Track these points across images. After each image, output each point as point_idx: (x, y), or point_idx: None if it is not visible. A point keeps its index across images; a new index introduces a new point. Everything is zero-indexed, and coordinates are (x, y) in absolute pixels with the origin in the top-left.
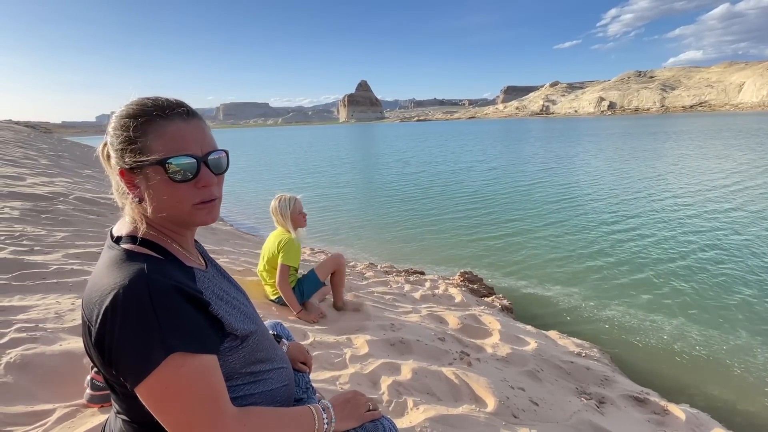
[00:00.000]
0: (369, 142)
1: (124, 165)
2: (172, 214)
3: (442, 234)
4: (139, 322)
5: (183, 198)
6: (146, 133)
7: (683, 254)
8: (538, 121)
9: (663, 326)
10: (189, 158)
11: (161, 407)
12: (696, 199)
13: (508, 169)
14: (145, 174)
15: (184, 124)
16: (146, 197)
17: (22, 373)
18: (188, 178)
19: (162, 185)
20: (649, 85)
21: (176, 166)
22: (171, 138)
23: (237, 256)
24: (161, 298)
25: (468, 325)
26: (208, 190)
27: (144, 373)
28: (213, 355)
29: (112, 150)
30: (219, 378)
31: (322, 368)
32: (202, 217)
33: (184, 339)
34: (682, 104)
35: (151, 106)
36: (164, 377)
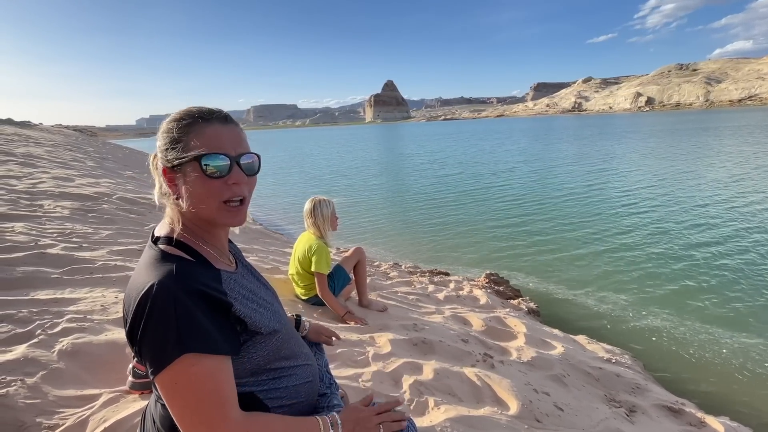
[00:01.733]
0: (400, 142)
1: (166, 163)
2: (203, 210)
3: (468, 235)
4: (160, 320)
5: (214, 194)
6: (188, 133)
7: (726, 263)
8: (571, 119)
9: (701, 335)
10: (223, 157)
11: (170, 401)
12: (755, 202)
13: (549, 170)
14: (183, 172)
15: (222, 127)
16: (183, 194)
17: (73, 360)
18: (221, 175)
19: (197, 181)
20: (691, 79)
21: (211, 164)
22: (208, 138)
23: (266, 255)
24: (183, 300)
25: (492, 327)
26: (238, 188)
27: (159, 367)
28: (226, 358)
29: (159, 152)
30: (228, 381)
31: (345, 365)
32: (229, 217)
33: (198, 340)
34: (729, 98)
35: (195, 111)
36: (175, 374)
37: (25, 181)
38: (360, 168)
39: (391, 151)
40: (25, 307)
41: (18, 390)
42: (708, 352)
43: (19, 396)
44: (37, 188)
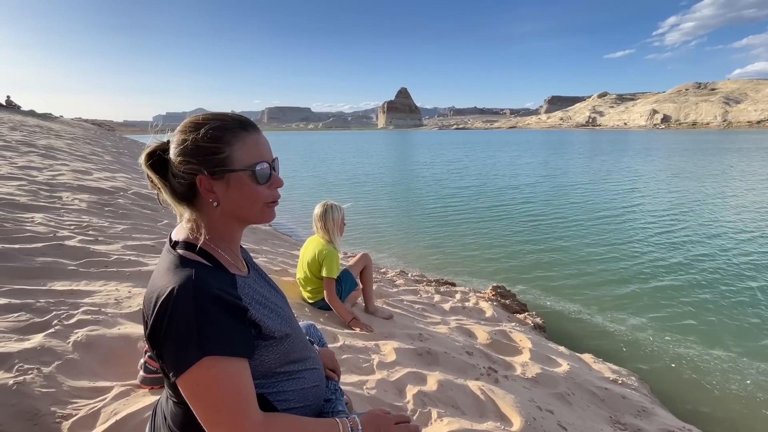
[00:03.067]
0: (414, 150)
1: (210, 170)
2: (246, 213)
3: (477, 246)
4: (181, 324)
5: (260, 198)
6: (231, 143)
7: (742, 288)
8: (585, 133)
9: (712, 360)
10: (266, 164)
11: (192, 402)
12: None
13: (569, 186)
14: (227, 180)
15: (258, 135)
16: (222, 200)
17: (86, 352)
18: (266, 181)
19: (246, 187)
20: (709, 98)
21: (259, 171)
22: (252, 147)
23: (274, 257)
24: (203, 305)
25: (497, 340)
26: (276, 191)
27: (181, 370)
28: (244, 360)
29: (188, 159)
30: (248, 382)
31: (350, 371)
32: (268, 215)
33: (218, 343)
34: (748, 119)
35: (230, 121)
36: (197, 376)
37: (46, 173)
38: (375, 174)
39: (406, 158)
40: (43, 297)
41: (34, 378)
42: (718, 379)
43: (35, 384)
44: (57, 180)
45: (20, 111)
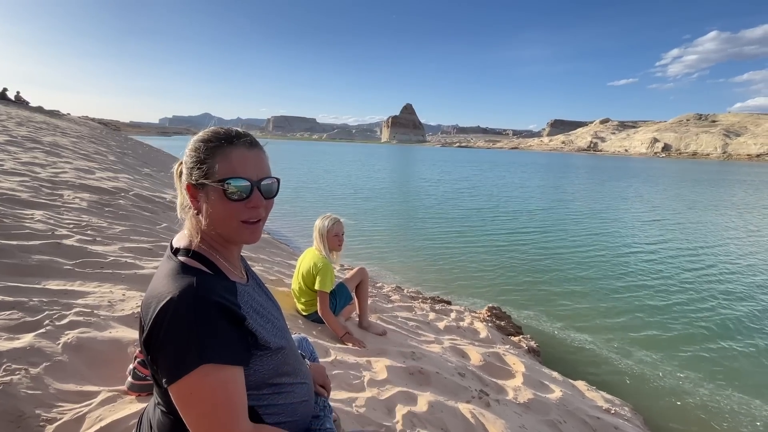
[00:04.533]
0: (420, 166)
1: (191, 180)
2: (221, 228)
3: (474, 266)
4: (181, 330)
5: (233, 214)
6: (214, 155)
7: (742, 318)
8: (587, 158)
9: (707, 394)
10: (245, 181)
11: (184, 409)
12: None
13: (574, 212)
14: (206, 191)
15: (247, 151)
16: (203, 210)
17: (76, 354)
18: (242, 198)
19: (219, 201)
20: (710, 130)
21: (234, 187)
22: (233, 161)
23: (271, 266)
24: (203, 312)
25: (490, 363)
26: (256, 211)
27: (177, 376)
28: (240, 369)
29: (185, 167)
30: (241, 391)
31: (340, 388)
32: (246, 235)
33: (216, 351)
34: (748, 152)
35: (222, 134)
36: (192, 383)
37: (49, 170)
38: (380, 189)
39: (413, 175)
40: (37, 295)
41: (21, 379)
42: (712, 413)
43: (21, 386)
44: (59, 177)
45: (29, 107)
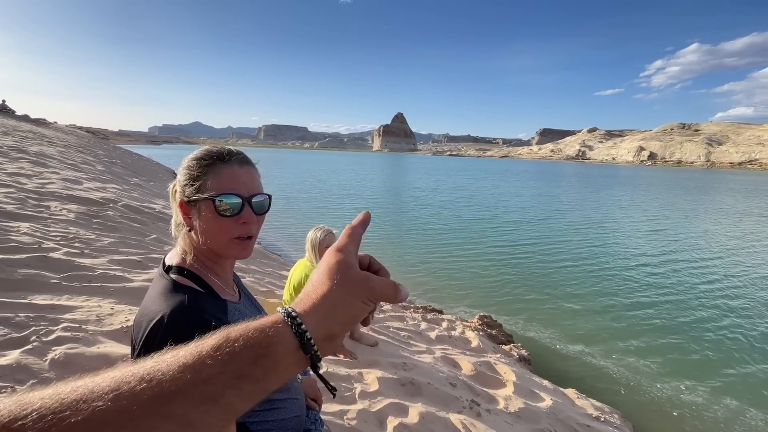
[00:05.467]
0: (413, 175)
1: (183, 197)
2: (213, 244)
3: (465, 274)
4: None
5: (224, 231)
6: (206, 173)
7: (727, 325)
8: (576, 166)
9: (694, 398)
10: (236, 197)
11: None
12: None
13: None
14: (198, 207)
15: (238, 168)
16: (196, 227)
17: (63, 371)
18: (233, 213)
19: (211, 218)
20: (693, 138)
21: (225, 203)
22: (224, 178)
23: (262, 276)
24: (193, 332)
25: (481, 372)
26: (247, 227)
27: None
28: None
29: (179, 186)
30: None
31: (331, 401)
32: (237, 251)
33: None
34: (730, 160)
35: (215, 152)
36: None
37: (35, 180)
38: (374, 199)
39: (407, 184)
40: (23, 311)
41: None
42: (702, 420)
43: None
44: (46, 189)
45: (14, 116)
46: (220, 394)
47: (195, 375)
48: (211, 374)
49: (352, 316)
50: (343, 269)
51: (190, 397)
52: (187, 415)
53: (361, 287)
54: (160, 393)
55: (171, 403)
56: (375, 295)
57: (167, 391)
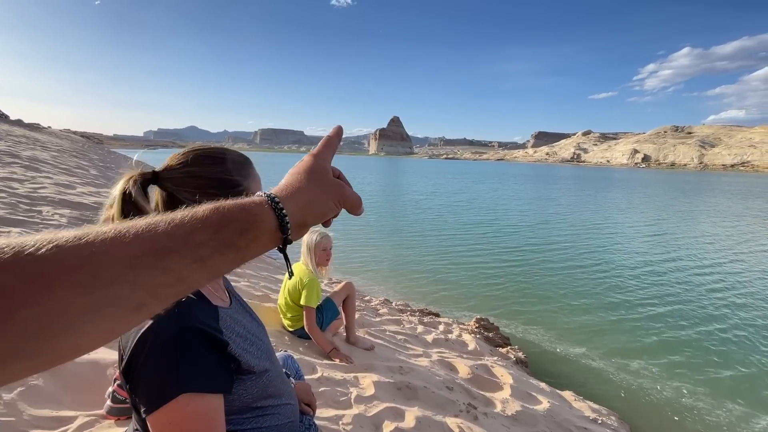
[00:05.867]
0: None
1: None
2: None
3: (463, 276)
4: (161, 358)
5: None
6: (246, 177)
7: (727, 326)
8: (572, 169)
9: (694, 401)
10: None
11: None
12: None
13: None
14: None
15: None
16: None
17: (52, 378)
18: None
19: None
20: (686, 141)
21: None
22: (257, 181)
23: (257, 281)
24: (185, 339)
25: (479, 375)
26: None
27: (155, 405)
28: (220, 396)
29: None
30: (221, 420)
31: (327, 405)
32: None
33: (197, 380)
34: (723, 162)
35: (243, 156)
36: (171, 413)
37: (27, 185)
38: (371, 202)
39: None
40: None
41: None
42: (701, 422)
43: None
44: (38, 193)
45: (7, 120)
46: (209, 257)
47: (188, 238)
48: (203, 240)
49: (322, 213)
50: (320, 172)
51: (184, 257)
52: (181, 271)
53: (334, 191)
54: (158, 248)
55: (166, 258)
56: (344, 200)
57: (164, 247)
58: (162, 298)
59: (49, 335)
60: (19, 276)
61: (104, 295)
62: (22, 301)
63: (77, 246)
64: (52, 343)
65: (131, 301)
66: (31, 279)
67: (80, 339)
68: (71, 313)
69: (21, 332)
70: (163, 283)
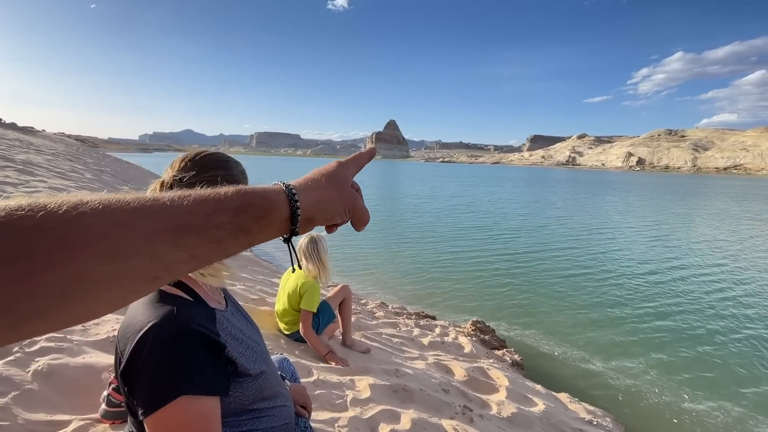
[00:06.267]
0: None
1: None
2: None
3: (459, 279)
4: (160, 360)
5: None
6: (247, 178)
7: (722, 329)
8: (567, 172)
9: (688, 403)
10: None
11: None
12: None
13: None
14: None
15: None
16: None
17: (47, 382)
18: None
19: None
20: (680, 144)
21: None
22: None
23: (253, 284)
24: (183, 342)
25: (474, 378)
26: None
27: (153, 408)
28: (217, 399)
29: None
30: (217, 422)
31: (323, 408)
32: None
33: (194, 382)
34: (716, 165)
35: (234, 159)
36: (169, 415)
37: (21, 189)
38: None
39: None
40: None
41: None
42: (698, 423)
43: None
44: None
45: (1, 124)
46: (224, 239)
47: (209, 218)
48: (221, 221)
49: (331, 215)
50: (341, 178)
51: (202, 236)
52: (196, 249)
53: (349, 199)
54: (179, 225)
55: (186, 236)
56: (355, 211)
57: (185, 225)
58: (175, 272)
59: (68, 299)
60: (41, 239)
61: (125, 265)
62: (45, 264)
63: (102, 213)
64: (70, 305)
65: (148, 274)
66: (56, 244)
67: (96, 305)
68: (91, 281)
69: (42, 294)
70: (179, 258)
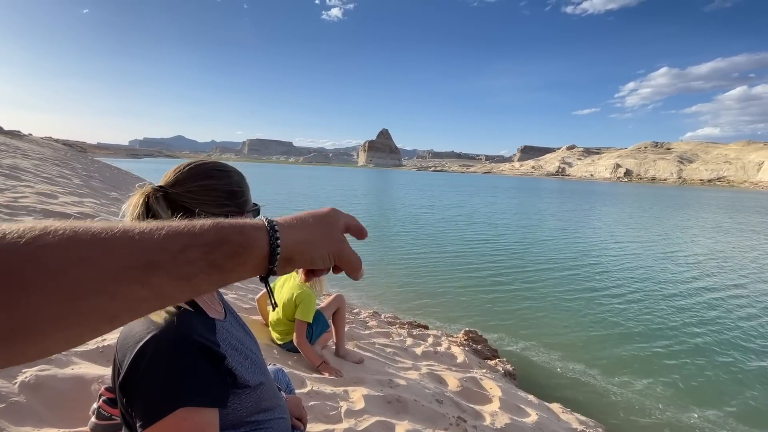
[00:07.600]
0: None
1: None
2: None
3: (451, 289)
4: (159, 372)
5: None
6: (245, 188)
7: (713, 338)
8: (557, 182)
9: (680, 413)
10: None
11: None
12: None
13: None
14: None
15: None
16: None
17: (34, 394)
18: None
19: None
20: (666, 156)
21: (255, 212)
22: (249, 193)
23: (245, 293)
24: (184, 353)
25: (468, 388)
26: None
27: (152, 419)
28: (216, 411)
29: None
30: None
31: (317, 420)
32: None
33: (194, 394)
34: (700, 177)
35: (232, 167)
36: (168, 427)
37: (7, 194)
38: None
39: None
40: None
41: None
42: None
43: None
44: (19, 203)
45: None
46: (194, 276)
47: (179, 254)
48: (193, 257)
49: (312, 258)
50: (331, 222)
51: (170, 273)
52: (162, 287)
53: (334, 244)
54: (146, 261)
55: (152, 274)
56: (340, 257)
57: (152, 262)
58: (138, 311)
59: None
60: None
61: (82, 305)
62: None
63: (65, 246)
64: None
65: (107, 313)
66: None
67: (48, 344)
68: (45, 320)
69: None
70: (143, 297)
